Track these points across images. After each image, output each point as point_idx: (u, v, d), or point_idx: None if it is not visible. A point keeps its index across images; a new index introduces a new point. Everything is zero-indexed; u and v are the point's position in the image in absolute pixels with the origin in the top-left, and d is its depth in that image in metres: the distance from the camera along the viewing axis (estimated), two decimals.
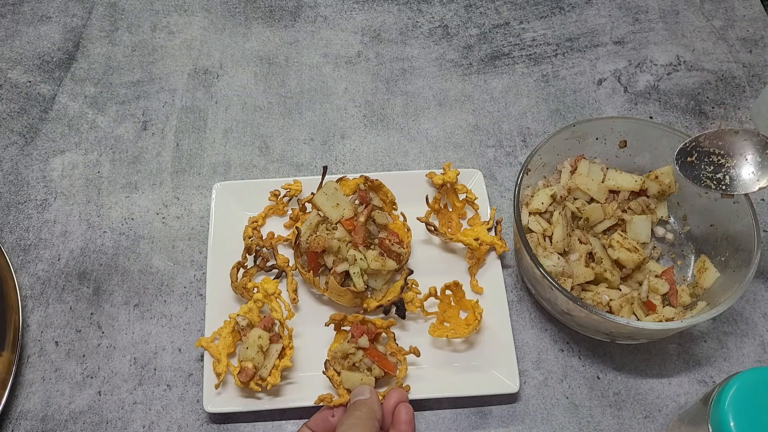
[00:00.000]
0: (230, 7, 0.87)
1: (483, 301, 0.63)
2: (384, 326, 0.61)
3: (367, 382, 0.58)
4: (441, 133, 0.78)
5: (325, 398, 0.57)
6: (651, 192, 0.67)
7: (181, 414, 0.61)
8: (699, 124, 0.78)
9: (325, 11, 0.87)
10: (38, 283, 0.68)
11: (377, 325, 0.61)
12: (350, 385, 0.58)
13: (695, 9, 0.87)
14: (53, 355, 0.64)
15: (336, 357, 0.59)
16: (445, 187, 0.69)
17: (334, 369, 0.59)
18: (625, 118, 0.69)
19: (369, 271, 0.63)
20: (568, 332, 0.65)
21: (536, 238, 0.64)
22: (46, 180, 0.74)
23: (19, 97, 0.80)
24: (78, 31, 0.85)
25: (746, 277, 0.57)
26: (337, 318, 0.60)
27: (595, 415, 0.62)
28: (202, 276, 0.68)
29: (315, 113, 0.79)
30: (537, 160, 0.65)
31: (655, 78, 0.82)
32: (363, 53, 0.84)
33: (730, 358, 0.64)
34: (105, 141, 0.76)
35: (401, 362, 0.60)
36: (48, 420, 0.61)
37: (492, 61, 0.83)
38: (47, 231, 0.71)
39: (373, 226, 0.66)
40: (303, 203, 0.68)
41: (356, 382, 0.58)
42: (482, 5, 0.88)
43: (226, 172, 0.75)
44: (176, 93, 0.80)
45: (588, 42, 0.85)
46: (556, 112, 0.79)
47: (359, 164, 0.75)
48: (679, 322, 0.57)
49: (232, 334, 0.61)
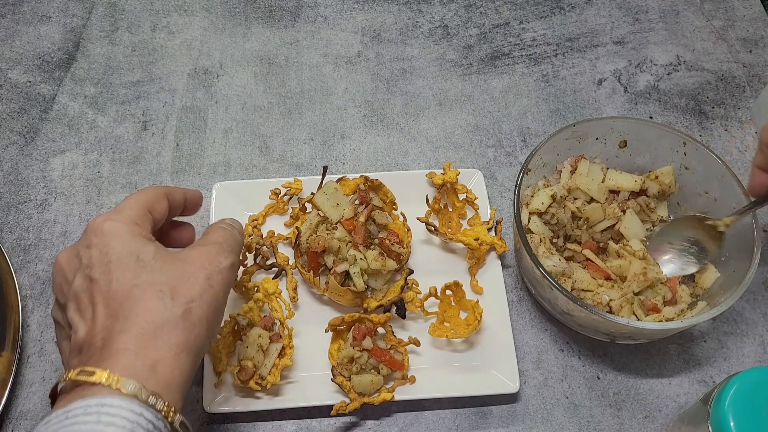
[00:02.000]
0: (230, 7, 0.87)
1: (483, 301, 0.63)
2: (381, 321, 0.61)
3: (376, 382, 0.59)
4: (441, 133, 0.78)
5: (340, 407, 0.58)
6: (651, 192, 0.67)
7: None
8: (699, 124, 0.78)
9: (325, 11, 0.87)
10: (38, 283, 0.68)
11: (374, 321, 0.61)
12: (362, 389, 0.59)
13: (695, 9, 0.88)
14: (53, 355, 0.64)
15: (342, 363, 0.59)
16: (445, 187, 0.69)
17: (342, 375, 0.59)
18: (625, 118, 0.70)
19: (369, 271, 0.63)
20: (568, 332, 0.65)
21: (536, 239, 0.64)
22: (46, 180, 0.74)
23: (19, 97, 0.80)
24: (78, 31, 0.85)
25: (746, 277, 0.57)
26: (335, 323, 0.60)
27: (595, 415, 0.62)
28: None
29: (315, 113, 0.79)
30: (537, 160, 0.65)
31: (655, 78, 0.82)
32: (363, 53, 0.84)
33: (730, 358, 0.64)
34: (105, 141, 0.76)
35: (403, 354, 0.61)
36: None
37: (492, 61, 0.83)
38: (47, 231, 0.71)
39: (373, 226, 0.66)
40: (303, 203, 0.68)
41: (367, 384, 0.59)
42: (482, 5, 0.88)
43: (226, 172, 0.75)
44: (176, 93, 0.80)
45: (588, 42, 0.85)
46: (556, 112, 0.79)
47: (359, 164, 0.75)
48: (679, 322, 0.57)
49: (232, 333, 0.61)
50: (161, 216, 0.51)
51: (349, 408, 0.58)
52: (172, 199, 0.52)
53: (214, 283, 0.47)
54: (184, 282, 0.45)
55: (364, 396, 0.59)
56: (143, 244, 0.46)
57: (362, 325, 0.60)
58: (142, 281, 0.44)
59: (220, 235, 0.51)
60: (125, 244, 0.46)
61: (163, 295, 0.44)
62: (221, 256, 0.49)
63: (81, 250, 0.46)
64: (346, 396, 0.59)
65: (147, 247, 0.46)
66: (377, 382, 0.59)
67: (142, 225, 0.48)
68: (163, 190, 0.52)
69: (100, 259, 0.45)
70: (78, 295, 0.45)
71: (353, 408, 0.58)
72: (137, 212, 0.48)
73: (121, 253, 0.45)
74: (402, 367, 0.60)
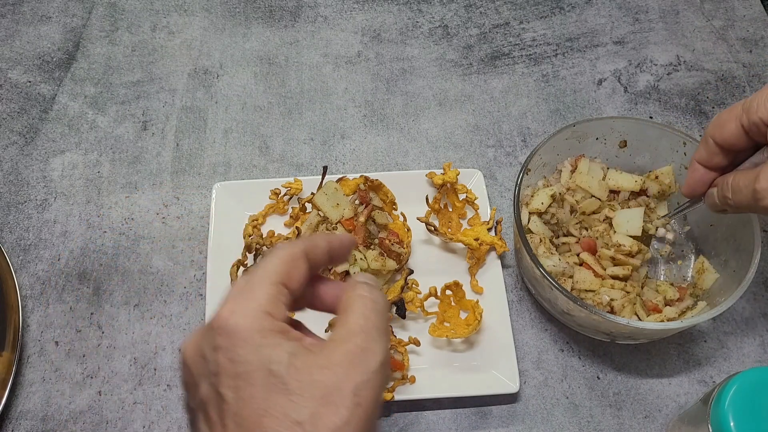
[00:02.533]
0: (230, 7, 0.87)
1: (483, 301, 0.63)
2: None
3: None
4: (441, 133, 0.78)
5: None
6: (651, 192, 0.67)
7: (181, 414, 0.61)
8: (699, 124, 0.78)
9: (325, 11, 0.87)
10: (38, 283, 0.68)
11: None
12: None
13: (695, 9, 0.87)
14: (53, 355, 0.64)
15: None
16: (445, 187, 0.69)
17: None
18: (625, 118, 0.69)
19: (369, 271, 0.63)
20: (568, 332, 0.65)
21: (536, 238, 0.64)
22: (46, 180, 0.74)
23: (19, 97, 0.80)
24: (78, 31, 0.85)
25: (746, 277, 0.57)
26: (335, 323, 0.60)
27: (595, 415, 0.62)
28: (202, 276, 0.68)
29: (315, 113, 0.79)
30: (537, 160, 0.65)
31: (655, 78, 0.82)
32: (363, 53, 0.84)
33: (730, 358, 0.64)
34: (105, 141, 0.76)
35: (403, 354, 0.61)
36: (48, 420, 0.61)
37: (492, 61, 0.83)
38: (47, 231, 0.71)
39: (373, 226, 0.66)
40: (303, 203, 0.68)
41: None
42: (482, 5, 0.88)
43: (226, 172, 0.75)
44: (176, 93, 0.80)
45: (588, 42, 0.85)
46: (556, 112, 0.79)
47: (359, 164, 0.75)
48: (679, 322, 0.57)
49: None
50: (299, 286, 0.41)
51: None
52: (312, 257, 0.42)
53: (362, 399, 0.37)
54: (326, 405, 0.37)
55: None
56: (276, 347, 0.38)
57: None
58: (275, 411, 0.37)
59: (360, 314, 0.40)
60: (254, 350, 0.38)
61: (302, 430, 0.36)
62: (369, 354, 0.38)
63: (207, 351, 0.40)
64: None
65: (280, 352, 0.38)
66: None
67: (276, 311, 0.40)
68: (300, 249, 0.41)
69: (227, 368, 0.38)
70: (206, 407, 0.39)
71: None
72: (269, 294, 0.40)
73: (251, 365, 0.38)
74: (402, 367, 0.60)
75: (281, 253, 0.41)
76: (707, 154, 0.55)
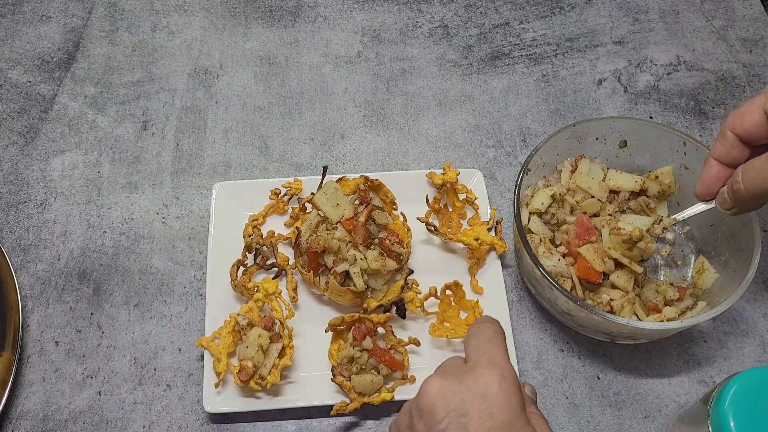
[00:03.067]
0: (230, 7, 0.87)
1: (483, 301, 0.63)
2: (381, 321, 0.61)
3: (376, 382, 0.59)
4: (441, 133, 0.78)
5: (340, 407, 0.59)
6: (651, 192, 0.67)
7: (181, 414, 0.61)
8: (699, 124, 0.78)
9: (325, 11, 0.87)
10: (38, 283, 0.68)
11: (374, 321, 0.61)
12: (362, 389, 0.59)
13: (695, 9, 0.88)
14: (53, 355, 0.64)
15: (342, 363, 0.59)
16: (445, 187, 0.69)
17: (342, 375, 0.59)
18: (625, 118, 0.69)
19: (369, 271, 0.63)
20: (568, 332, 0.65)
21: (536, 239, 0.64)
22: (46, 180, 0.74)
23: (19, 97, 0.80)
24: (78, 31, 0.85)
25: (746, 277, 0.57)
26: (336, 323, 0.60)
27: (595, 415, 0.62)
28: (202, 276, 0.68)
29: (315, 113, 0.79)
30: (537, 160, 0.65)
31: (655, 78, 0.82)
32: (363, 53, 0.84)
33: (730, 358, 0.64)
34: (105, 141, 0.76)
35: (403, 354, 0.61)
36: (48, 420, 0.61)
37: (492, 61, 0.83)
38: (47, 231, 0.71)
39: (373, 226, 0.66)
40: (303, 203, 0.68)
41: (367, 384, 0.59)
42: (482, 5, 0.88)
43: (226, 172, 0.75)
44: (176, 93, 0.80)
45: (588, 42, 0.85)
46: (556, 112, 0.79)
47: (359, 164, 0.75)
48: (679, 322, 0.57)
49: (232, 333, 0.61)
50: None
51: (349, 408, 0.58)
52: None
53: None
54: None
55: (364, 396, 0.59)
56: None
57: (362, 325, 0.60)
58: None
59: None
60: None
61: None
62: None
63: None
64: (346, 396, 0.59)
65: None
66: (377, 382, 0.59)
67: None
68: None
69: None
70: None
71: (353, 408, 0.58)
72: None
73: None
74: (402, 367, 0.60)
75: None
76: (725, 148, 0.53)
